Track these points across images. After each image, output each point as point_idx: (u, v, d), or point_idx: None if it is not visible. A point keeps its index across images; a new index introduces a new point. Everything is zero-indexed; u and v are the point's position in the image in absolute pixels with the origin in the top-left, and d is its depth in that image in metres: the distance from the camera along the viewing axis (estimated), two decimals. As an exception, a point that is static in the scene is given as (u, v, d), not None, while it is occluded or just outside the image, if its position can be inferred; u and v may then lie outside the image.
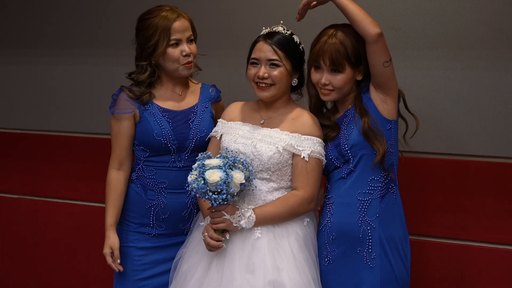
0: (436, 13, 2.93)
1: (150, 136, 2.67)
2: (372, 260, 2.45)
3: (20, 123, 3.96)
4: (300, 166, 2.48)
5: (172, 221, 2.72)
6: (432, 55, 2.95)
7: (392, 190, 2.51)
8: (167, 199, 2.71)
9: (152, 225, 2.72)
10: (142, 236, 2.72)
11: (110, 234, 2.67)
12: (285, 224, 2.48)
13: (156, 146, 2.68)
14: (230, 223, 2.42)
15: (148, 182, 2.71)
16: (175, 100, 2.74)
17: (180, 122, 2.71)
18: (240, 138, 2.54)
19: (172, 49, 2.63)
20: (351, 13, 2.39)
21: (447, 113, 2.94)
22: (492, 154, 2.89)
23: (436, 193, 2.98)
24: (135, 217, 2.74)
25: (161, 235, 2.73)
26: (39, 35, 3.84)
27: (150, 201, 2.71)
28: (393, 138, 2.51)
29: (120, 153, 2.71)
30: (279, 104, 2.59)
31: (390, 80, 2.46)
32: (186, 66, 2.67)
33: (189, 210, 2.74)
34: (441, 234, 2.98)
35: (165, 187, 2.71)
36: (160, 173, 2.71)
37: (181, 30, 2.63)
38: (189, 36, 2.66)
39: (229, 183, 2.33)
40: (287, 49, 2.50)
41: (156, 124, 2.67)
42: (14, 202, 3.98)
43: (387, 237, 2.46)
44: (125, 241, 2.73)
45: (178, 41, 2.64)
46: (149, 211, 2.71)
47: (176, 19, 2.63)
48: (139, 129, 2.71)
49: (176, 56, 2.64)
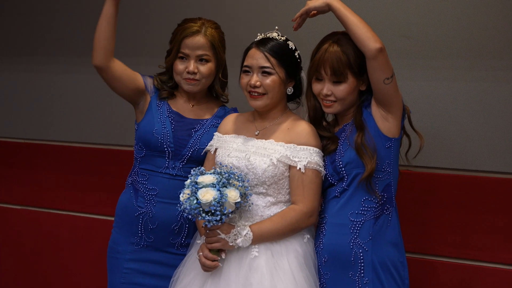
0: (449, 21, 2.86)
1: (149, 132, 2.66)
2: (365, 285, 2.34)
3: (22, 132, 3.97)
4: (297, 179, 2.39)
5: (161, 234, 2.67)
6: (445, 64, 2.87)
7: (387, 211, 2.40)
8: (156, 208, 2.66)
9: (140, 234, 2.68)
10: (130, 247, 2.69)
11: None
12: (284, 241, 2.39)
13: (152, 144, 2.66)
14: (225, 242, 2.34)
15: (140, 187, 2.69)
16: (187, 109, 2.74)
17: (183, 128, 2.69)
18: (234, 152, 2.47)
19: (178, 62, 2.65)
20: (350, 25, 2.30)
21: (458, 126, 2.87)
22: (505, 170, 2.80)
23: (444, 210, 2.90)
24: (124, 224, 2.72)
25: (149, 246, 2.68)
26: (44, 43, 3.85)
27: (139, 209, 2.68)
28: (392, 157, 2.41)
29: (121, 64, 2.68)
30: (274, 113, 2.51)
31: (392, 97, 2.35)
32: (187, 81, 2.65)
33: (180, 224, 2.68)
34: (452, 254, 2.90)
35: (155, 195, 2.67)
36: (152, 179, 2.68)
37: (191, 47, 2.62)
38: (200, 55, 2.63)
39: (223, 203, 2.25)
40: (280, 56, 2.43)
41: (159, 122, 2.67)
42: (16, 213, 3.99)
43: (380, 261, 2.35)
44: (115, 251, 2.72)
45: (186, 56, 2.63)
46: (137, 219, 2.68)
47: (192, 34, 2.61)
48: (141, 123, 2.70)
49: (179, 70, 2.65)
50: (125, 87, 2.68)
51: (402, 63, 2.85)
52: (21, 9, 3.87)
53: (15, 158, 3.98)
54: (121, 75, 2.65)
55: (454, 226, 2.88)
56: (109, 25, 2.58)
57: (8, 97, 3.99)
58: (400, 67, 2.66)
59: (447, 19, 2.86)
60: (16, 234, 3.97)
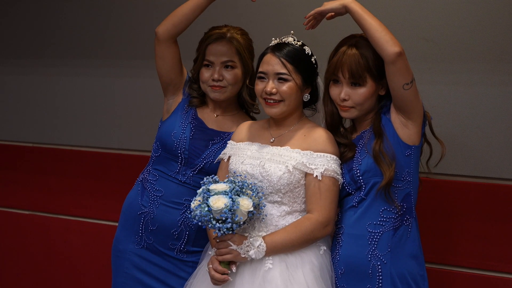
0: (471, 22, 2.79)
1: (168, 134, 2.68)
2: None
3: (31, 136, 3.96)
4: (313, 186, 2.33)
5: (161, 236, 2.67)
6: (466, 68, 2.80)
7: (407, 222, 2.33)
8: (159, 210, 2.66)
9: (141, 234, 2.69)
10: (131, 246, 2.71)
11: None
12: (299, 252, 2.33)
13: (168, 146, 2.67)
14: (237, 254, 2.28)
15: (148, 186, 2.71)
16: (211, 119, 2.73)
17: (202, 137, 2.67)
18: (248, 159, 2.41)
19: (204, 70, 2.65)
20: (368, 28, 2.24)
21: (480, 132, 2.80)
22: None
23: (465, 219, 2.83)
24: (126, 221, 2.74)
25: (149, 248, 2.69)
26: (52, 45, 3.86)
27: (142, 207, 2.70)
28: (412, 165, 2.34)
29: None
30: (290, 121, 2.46)
31: (412, 104, 2.29)
32: (212, 88, 2.64)
33: (180, 230, 2.66)
34: (473, 265, 2.83)
35: (160, 197, 2.67)
36: (161, 180, 2.69)
37: (215, 53, 2.61)
38: (225, 61, 2.62)
39: (235, 210, 2.20)
40: (297, 61, 2.37)
41: (180, 126, 2.67)
42: (25, 218, 3.98)
43: (399, 274, 2.28)
44: (117, 250, 2.76)
45: (211, 64, 2.63)
46: (139, 218, 2.70)
47: (216, 40, 2.61)
48: (165, 123, 2.72)
49: (205, 78, 2.64)
50: (166, 71, 2.68)
51: (421, 66, 2.80)
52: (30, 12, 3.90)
53: (24, 162, 3.98)
54: (168, 58, 2.65)
55: (475, 235, 2.81)
56: (191, 12, 2.58)
57: (16, 100, 4.00)
58: (419, 71, 2.61)
59: (469, 20, 2.79)
60: (25, 239, 3.97)
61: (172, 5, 2.73)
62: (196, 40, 2.71)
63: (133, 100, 3.60)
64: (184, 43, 2.75)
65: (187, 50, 2.77)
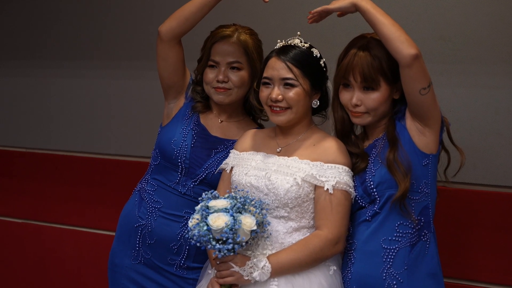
0: (493, 20, 2.73)
1: (167, 141, 2.60)
2: None
3: (24, 141, 3.95)
4: (323, 200, 2.22)
5: (159, 251, 2.59)
6: (487, 70, 2.74)
7: (424, 237, 2.22)
8: (157, 222, 2.58)
9: (138, 248, 2.62)
10: (128, 261, 2.64)
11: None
12: (307, 272, 2.23)
13: (167, 154, 2.59)
14: (240, 276, 2.17)
15: (145, 196, 2.64)
16: (214, 125, 2.65)
17: (204, 146, 2.59)
18: (252, 170, 2.31)
19: (208, 70, 2.57)
20: (381, 28, 2.12)
21: (501, 138, 2.74)
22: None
23: (485, 231, 2.77)
24: (123, 234, 2.67)
25: (147, 263, 2.61)
26: (47, 47, 3.84)
27: (139, 220, 2.62)
28: (430, 176, 2.23)
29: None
30: (298, 129, 2.36)
31: (430, 110, 2.17)
32: (216, 90, 2.55)
33: (179, 244, 2.57)
34: (493, 280, 2.77)
35: (158, 209, 2.59)
36: (160, 191, 2.61)
37: (221, 53, 2.53)
38: (231, 62, 2.53)
39: (236, 230, 2.09)
40: (304, 65, 2.28)
41: (181, 133, 2.59)
42: (18, 226, 3.97)
43: None
44: (113, 264, 2.70)
45: (216, 64, 2.55)
46: (136, 231, 2.62)
47: (222, 39, 2.53)
48: (164, 129, 2.65)
49: (209, 79, 2.56)
50: (168, 73, 2.60)
51: (438, 68, 2.75)
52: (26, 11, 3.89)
53: (16, 168, 3.97)
54: (171, 59, 2.56)
55: (495, 249, 2.75)
56: (198, 10, 2.48)
57: (8, 102, 3.99)
58: (435, 73, 2.57)
59: (490, 18, 2.73)
60: (17, 249, 3.96)
61: (170, 3, 2.67)
62: (200, 40, 2.63)
63: (131, 103, 3.57)
64: (188, 43, 2.67)
65: (190, 51, 2.69)
